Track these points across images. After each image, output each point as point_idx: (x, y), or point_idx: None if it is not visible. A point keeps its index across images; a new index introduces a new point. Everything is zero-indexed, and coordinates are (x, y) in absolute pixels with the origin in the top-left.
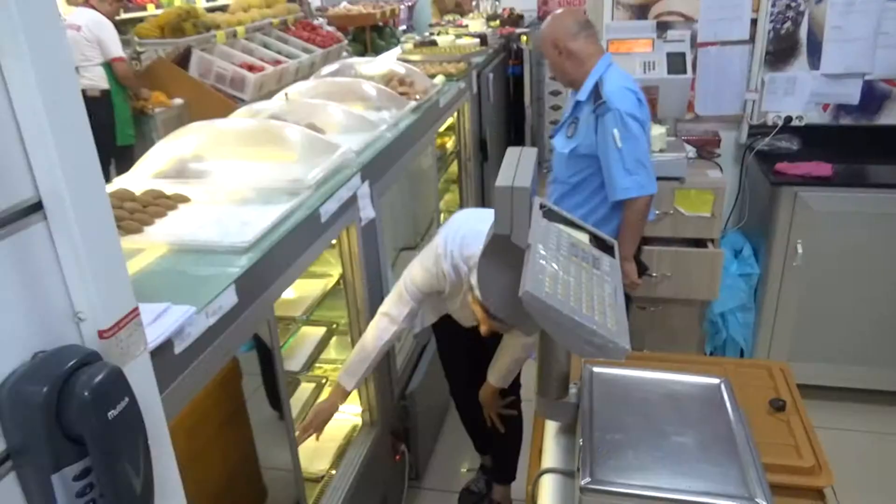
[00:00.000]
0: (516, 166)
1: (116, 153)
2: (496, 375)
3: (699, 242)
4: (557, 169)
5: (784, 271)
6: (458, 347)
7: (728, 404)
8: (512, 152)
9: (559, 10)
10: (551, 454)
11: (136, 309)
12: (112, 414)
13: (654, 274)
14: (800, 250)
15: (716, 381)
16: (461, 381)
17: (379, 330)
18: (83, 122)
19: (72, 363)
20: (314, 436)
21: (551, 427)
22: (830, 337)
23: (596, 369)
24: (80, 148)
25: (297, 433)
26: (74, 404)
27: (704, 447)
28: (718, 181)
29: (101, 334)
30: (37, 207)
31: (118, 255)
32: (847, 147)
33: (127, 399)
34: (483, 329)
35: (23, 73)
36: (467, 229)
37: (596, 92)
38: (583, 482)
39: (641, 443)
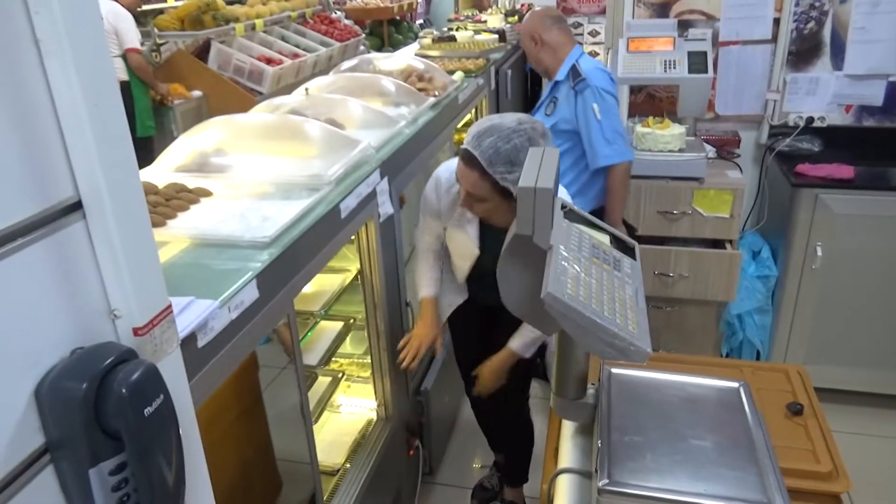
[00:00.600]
0: (539, 167)
1: (136, 144)
2: (518, 342)
3: (717, 243)
4: None
5: (803, 274)
6: (471, 344)
7: (747, 408)
8: (534, 153)
9: (537, 8)
10: (568, 454)
11: (169, 306)
12: (148, 410)
13: (672, 274)
14: (819, 253)
15: (735, 384)
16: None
17: (422, 254)
18: (122, 123)
19: (110, 360)
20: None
21: (568, 427)
22: (848, 340)
23: (615, 370)
24: (118, 149)
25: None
26: (112, 401)
27: (722, 451)
28: (738, 182)
29: (135, 331)
30: (76, 207)
31: (153, 254)
32: (869, 149)
33: (162, 396)
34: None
35: (65, 74)
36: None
37: (574, 71)
38: (600, 483)
39: (659, 445)
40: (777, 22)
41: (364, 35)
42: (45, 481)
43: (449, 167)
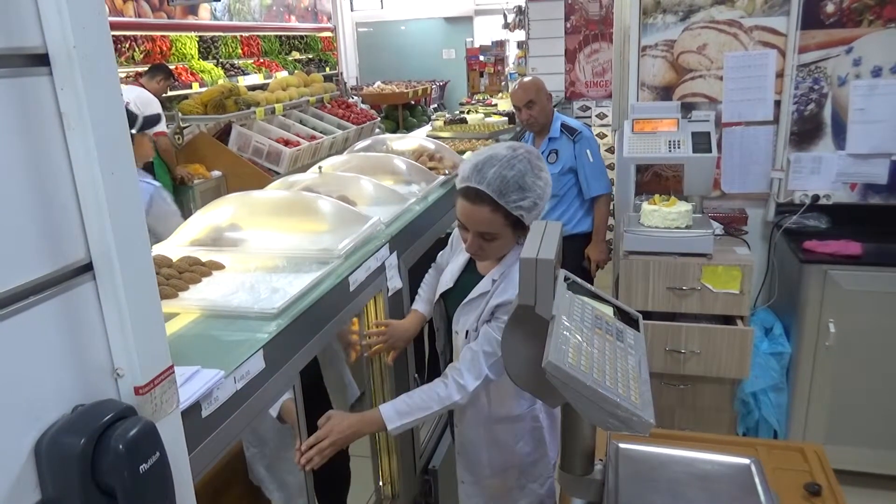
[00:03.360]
0: (541, 239)
1: None
2: (392, 405)
3: (728, 319)
4: None
5: (816, 351)
6: None
7: (759, 486)
8: (537, 225)
9: (527, 79)
10: None
11: (171, 367)
12: (143, 468)
13: (683, 350)
14: (832, 329)
15: (746, 461)
16: None
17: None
18: (135, 192)
19: (109, 416)
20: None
21: None
22: (868, 420)
23: (622, 445)
24: (130, 216)
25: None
26: (109, 456)
27: None
28: (746, 258)
29: (137, 390)
30: (87, 268)
31: (159, 316)
32: (877, 226)
33: (158, 454)
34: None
35: (85, 146)
36: None
37: (566, 129)
38: None
39: None
40: (778, 104)
41: (380, 118)
42: None
43: None
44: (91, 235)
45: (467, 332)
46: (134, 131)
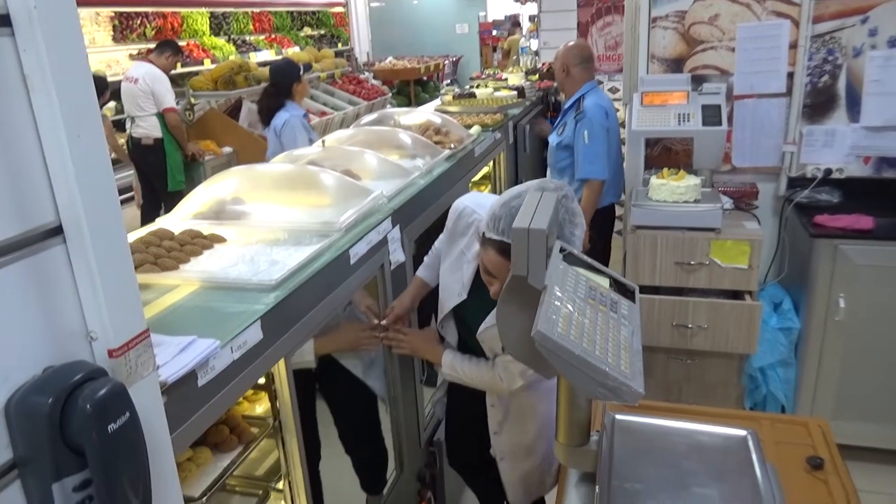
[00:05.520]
0: (535, 209)
1: (167, 198)
2: (452, 360)
3: (736, 294)
4: (551, 156)
5: (826, 326)
6: (469, 414)
7: (755, 457)
8: (533, 196)
9: (572, 42)
10: (571, 502)
11: (146, 331)
12: (112, 427)
13: (690, 325)
14: (842, 304)
15: (743, 433)
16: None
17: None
18: (103, 154)
19: (77, 377)
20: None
21: (573, 475)
22: (876, 395)
23: (619, 417)
24: (99, 178)
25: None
26: (77, 416)
27: (727, 500)
28: (755, 232)
29: (110, 353)
30: (57, 231)
31: (131, 280)
32: (890, 200)
33: (128, 414)
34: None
35: (50, 108)
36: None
37: (578, 104)
38: None
39: (661, 493)
40: (791, 76)
41: (391, 94)
42: (11, 496)
43: (475, 201)
44: (59, 199)
45: (496, 354)
46: None
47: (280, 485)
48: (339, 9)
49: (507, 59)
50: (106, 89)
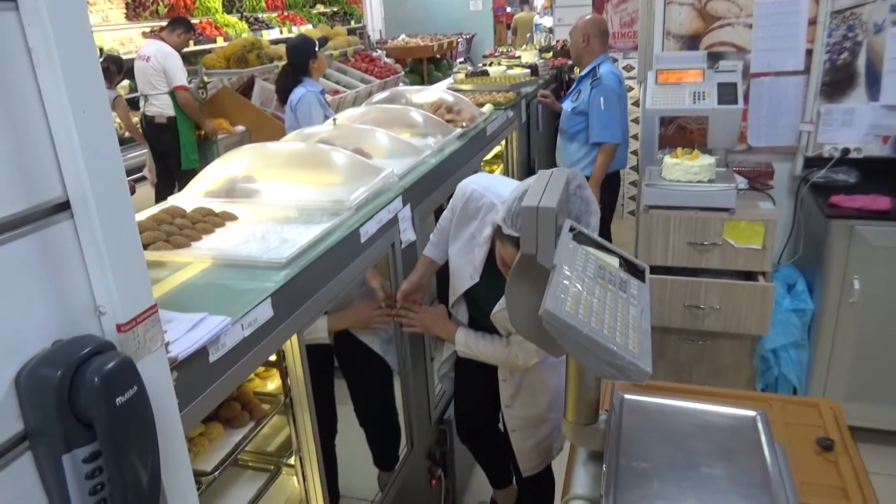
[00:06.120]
0: (544, 188)
1: (180, 176)
2: (466, 337)
3: (750, 275)
4: (564, 122)
5: (840, 307)
6: (477, 388)
7: (763, 437)
8: (542, 174)
9: (590, 16)
10: (579, 480)
11: (154, 306)
12: (120, 400)
13: (703, 306)
14: (856, 286)
15: (752, 413)
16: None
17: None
18: (109, 130)
19: (86, 351)
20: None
21: (581, 453)
22: (890, 377)
23: (627, 396)
24: (105, 153)
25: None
26: (85, 389)
27: (735, 480)
28: (770, 213)
29: (119, 328)
30: (64, 206)
31: (139, 255)
32: None
33: (136, 387)
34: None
35: (55, 83)
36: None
37: (593, 72)
38: None
39: (668, 472)
40: (810, 53)
41: (404, 72)
42: (22, 466)
43: (483, 184)
44: (66, 174)
45: (509, 332)
46: None
47: (292, 460)
48: None
49: (514, 37)
50: (122, 68)
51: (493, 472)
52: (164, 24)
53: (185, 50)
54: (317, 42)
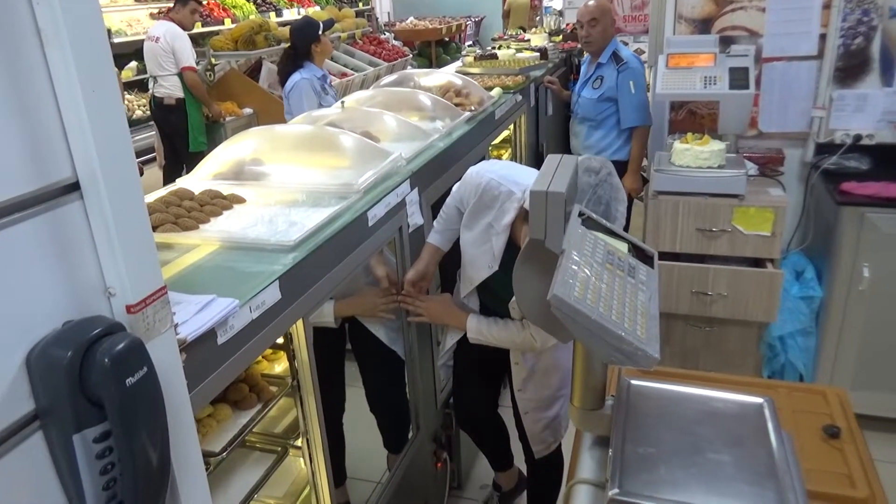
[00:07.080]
0: (553, 173)
1: (188, 158)
2: (478, 324)
3: (758, 262)
4: (586, 111)
5: (848, 295)
6: (476, 377)
7: (770, 424)
8: (552, 159)
9: (593, 2)
10: (585, 465)
11: (163, 288)
12: (130, 381)
13: (710, 292)
14: (866, 274)
15: (759, 400)
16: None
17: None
18: (119, 110)
19: (96, 332)
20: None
21: (587, 438)
22: None
23: (634, 382)
24: (115, 134)
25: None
26: (95, 369)
27: (741, 466)
28: (779, 199)
29: (128, 309)
30: (74, 187)
31: (148, 237)
32: None
33: (146, 368)
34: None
35: (64, 62)
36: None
37: (615, 57)
38: (611, 493)
39: (675, 458)
40: (823, 38)
41: (412, 55)
42: (34, 445)
43: (499, 173)
44: (76, 154)
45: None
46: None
47: (299, 442)
48: None
49: (506, 21)
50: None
51: (493, 456)
52: (171, 5)
53: (193, 32)
54: (321, 25)
